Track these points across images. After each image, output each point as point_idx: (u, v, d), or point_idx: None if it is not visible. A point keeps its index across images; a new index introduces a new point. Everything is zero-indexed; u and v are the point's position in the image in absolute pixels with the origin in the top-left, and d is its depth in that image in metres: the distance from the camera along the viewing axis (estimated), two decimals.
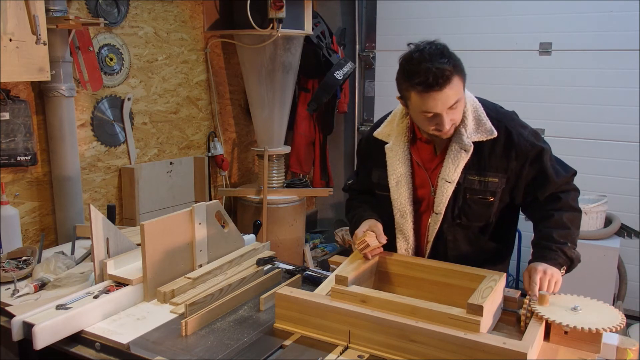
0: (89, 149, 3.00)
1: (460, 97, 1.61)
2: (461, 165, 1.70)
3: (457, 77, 1.57)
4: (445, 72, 1.53)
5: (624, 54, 3.55)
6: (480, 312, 1.38)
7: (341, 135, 4.67)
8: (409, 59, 1.59)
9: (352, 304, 1.52)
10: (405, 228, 1.85)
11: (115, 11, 3.04)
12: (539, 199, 1.75)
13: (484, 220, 1.77)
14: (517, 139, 1.70)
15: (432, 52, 1.56)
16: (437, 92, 1.55)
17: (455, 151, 1.71)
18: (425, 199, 1.82)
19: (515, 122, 1.75)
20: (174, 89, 3.47)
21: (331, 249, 4.48)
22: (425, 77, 1.53)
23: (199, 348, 1.51)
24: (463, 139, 1.69)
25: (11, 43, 2.23)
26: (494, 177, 1.71)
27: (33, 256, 2.15)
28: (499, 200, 1.74)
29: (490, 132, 1.69)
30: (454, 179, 1.71)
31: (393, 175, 1.81)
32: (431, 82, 1.53)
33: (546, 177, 1.72)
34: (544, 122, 3.84)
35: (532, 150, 1.70)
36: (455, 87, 1.57)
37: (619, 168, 3.66)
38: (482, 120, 1.70)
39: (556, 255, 1.64)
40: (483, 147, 1.70)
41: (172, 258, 1.86)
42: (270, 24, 3.37)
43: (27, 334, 1.56)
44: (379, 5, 4.36)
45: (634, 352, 1.46)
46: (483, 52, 3.97)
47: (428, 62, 1.53)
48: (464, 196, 1.74)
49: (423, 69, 1.53)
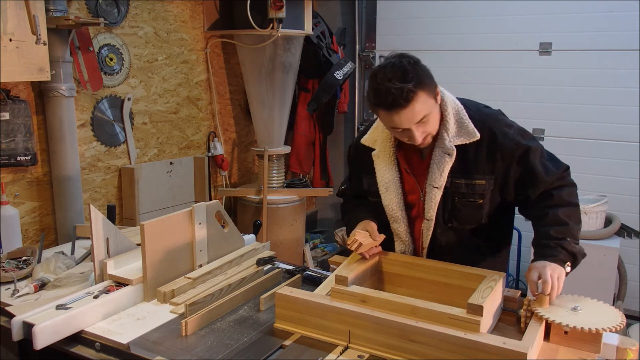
0: (89, 149, 3.00)
1: (430, 111, 1.61)
2: (446, 169, 1.70)
3: (423, 93, 1.56)
4: (404, 92, 1.52)
5: (624, 54, 3.55)
6: (480, 312, 1.38)
7: (341, 135, 4.67)
8: (374, 77, 1.59)
9: (352, 304, 1.52)
10: (400, 233, 1.85)
11: (115, 11, 3.04)
12: (531, 198, 1.73)
13: (476, 222, 1.76)
14: (502, 139, 1.68)
15: (395, 70, 1.55)
16: (400, 110, 1.55)
17: (439, 156, 1.70)
18: (416, 204, 1.81)
19: (499, 122, 1.73)
20: (174, 89, 3.48)
21: (331, 249, 4.48)
22: (384, 98, 1.55)
23: (199, 348, 1.51)
24: (445, 143, 1.69)
25: (11, 43, 2.23)
26: (480, 180, 1.70)
27: (33, 256, 2.15)
28: (489, 202, 1.73)
29: (473, 135, 1.68)
30: (440, 184, 1.71)
31: (382, 181, 1.81)
32: (391, 102, 1.54)
33: (535, 176, 1.70)
34: (544, 122, 3.84)
35: (517, 150, 1.68)
36: (422, 103, 1.56)
37: (619, 168, 3.66)
38: (465, 123, 1.69)
39: (556, 251, 1.61)
40: (468, 150, 1.69)
41: (172, 258, 1.86)
42: (270, 24, 3.36)
43: (27, 334, 1.56)
44: (379, 5, 4.36)
45: (634, 352, 1.46)
46: (483, 52, 3.97)
47: (388, 81, 1.53)
48: (452, 200, 1.74)
49: (384, 89, 1.54)
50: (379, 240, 1.79)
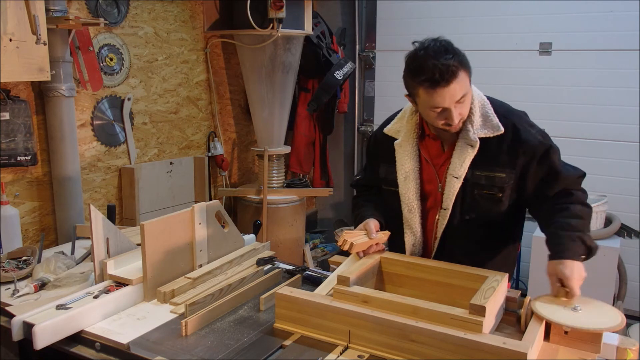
0: (89, 149, 3.00)
1: (467, 91, 1.63)
2: (467, 160, 1.72)
3: (463, 72, 1.59)
4: (450, 68, 1.55)
5: (624, 54, 3.55)
6: (483, 312, 1.38)
7: (341, 135, 4.67)
8: (414, 57, 1.62)
9: (354, 304, 1.52)
10: (413, 223, 1.86)
11: (115, 11, 3.04)
12: (549, 196, 1.73)
13: (493, 216, 1.77)
14: (525, 136, 1.71)
15: (437, 48, 1.58)
16: (444, 87, 1.57)
17: (462, 147, 1.72)
18: (433, 194, 1.83)
19: (523, 120, 1.76)
20: (174, 89, 3.48)
21: (331, 249, 4.48)
22: (431, 74, 1.56)
23: (199, 348, 1.51)
24: (469, 135, 1.71)
25: (11, 43, 2.23)
26: (501, 173, 1.72)
27: (33, 256, 2.15)
28: (508, 196, 1.74)
29: (497, 128, 1.70)
30: (460, 175, 1.72)
31: (402, 170, 1.83)
32: (437, 78, 1.56)
33: (556, 173, 1.72)
34: (544, 122, 3.76)
35: (539, 148, 1.71)
36: (462, 82, 1.59)
37: (619, 168, 3.66)
38: (489, 116, 1.72)
39: (576, 245, 1.59)
40: (490, 143, 1.71)
41: (172, 258, 1.86)
42: (270, 24, 3.36)
43: (27, 334, 1.56)
44: (379, 5, 4.36)
45: (634, 352, 1.46)
46: (483, 52, 3.97)
47: (433, 58, 1.56)
48: (471, 192, 1.75)
49: (429, 65, 1.56)
50: (375, 239, 1.79)
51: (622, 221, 3.50)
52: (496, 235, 1.83)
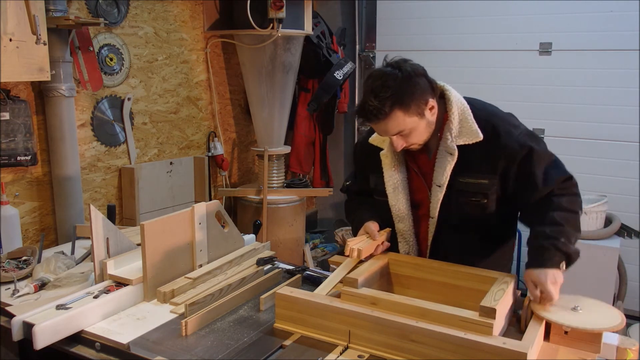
0: (89, 149, 3.00)
1: (409, 127, 1.64)
2: (448, 168, 1.70)
3: (399, 113, 1.61)
4: (381, 109, 1.59)
5: (624, 54, 3.55)
6: (493, 314, 1.37)
7: (341, 135, 4.67)
8: (365, 82, 1.67)
9: (362, 306, 1.51)
10: (405, 232, 1.85)
11: (115, 11, 3.04)
12: (529, 203, 1.71)
13: (481, 221, 1.75)
14: (505, 139, 1.67)
15: (375, 85, 1.61)
16: (375, 123, 1.65)
17: (442, 155, 1.72)
18: (423, 203, 1.82)
19: (506, 121, 1.72)
20: (174, 89, 3.47)
21: (331, 249, 4.47)
22: (362, 111, 1.63)
23: (199, 348, 1.52)
24: (448, 143, 1.70)
25: (11, 43, 2.23)
26: (483, 179, 1.70)
27: (33, 256, 2.15)
28: (493, 201, 1.72)
29: (476, 135, 1.68)
30: (443, 183, 1.72)
31: (390, 181, 1.81)
32: (368, 115, 1.62)
33: (533, 182, 1.68)
34: (544, 122, 3.84)
35: (520, 152, 1.66)
36: (395, 120, 1.62)
37: (619, 168, 3.66)
38: (469, 123, 1.69)
39: (550, 253, 1.57)
40: (472, 149, 1.69)
41: (172, 258, 1.86)
42: (270, 24, 3.36)
43: (27, 334, 1.56)
44: (379, 5, 4.36)
45: (634, 352, 1.46)
46: (483, 52, 3.97)
47: (370, 94, 1.61)
48: (456, 199, 1.73)
49: (364, 101, 1.63)
50: (380, 239, 1.79)
51: (622, 221, 3.50)
52: (487, 237, 1.81)
